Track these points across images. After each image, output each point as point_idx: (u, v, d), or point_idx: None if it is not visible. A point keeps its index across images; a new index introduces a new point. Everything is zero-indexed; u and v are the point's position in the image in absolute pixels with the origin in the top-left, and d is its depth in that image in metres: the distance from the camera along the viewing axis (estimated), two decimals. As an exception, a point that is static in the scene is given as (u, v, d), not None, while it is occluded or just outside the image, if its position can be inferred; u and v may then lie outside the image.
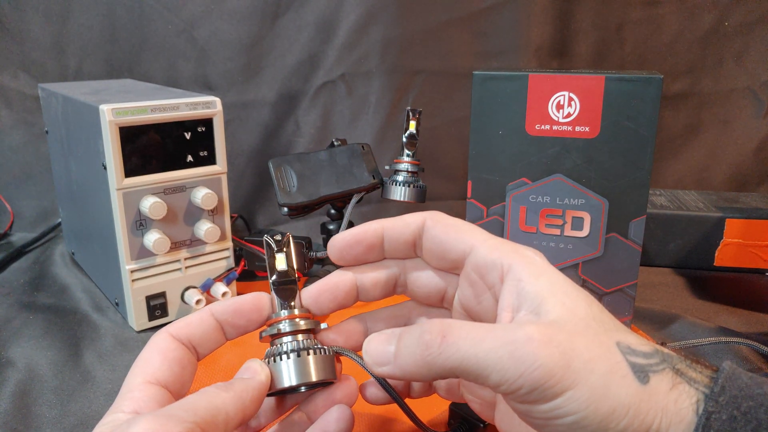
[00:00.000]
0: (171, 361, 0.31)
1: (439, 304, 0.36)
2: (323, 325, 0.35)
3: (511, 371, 0.25)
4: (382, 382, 0.35)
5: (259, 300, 0.34)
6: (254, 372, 0.32)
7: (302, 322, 0.34)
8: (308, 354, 0.32)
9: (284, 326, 0.33)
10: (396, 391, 0.36)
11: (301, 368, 0.32)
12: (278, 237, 0.35)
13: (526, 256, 0.30)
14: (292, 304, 0.34)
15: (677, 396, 0.25)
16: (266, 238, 0.35)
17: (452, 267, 0.33)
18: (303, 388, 0.35)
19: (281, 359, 0.32)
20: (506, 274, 0.30)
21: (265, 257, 0.35)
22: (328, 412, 0.34)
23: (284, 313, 0.34)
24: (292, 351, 0.32)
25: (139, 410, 0.29)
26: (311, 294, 0.35)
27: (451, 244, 0.33)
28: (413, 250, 0.35)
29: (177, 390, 0.31)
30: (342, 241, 0.35)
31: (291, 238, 0.35)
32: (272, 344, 0.34)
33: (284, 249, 0.35)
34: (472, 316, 0.34)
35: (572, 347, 0.25)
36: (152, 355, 0.31)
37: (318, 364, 0.32)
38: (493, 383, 0.26)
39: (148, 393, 0.30)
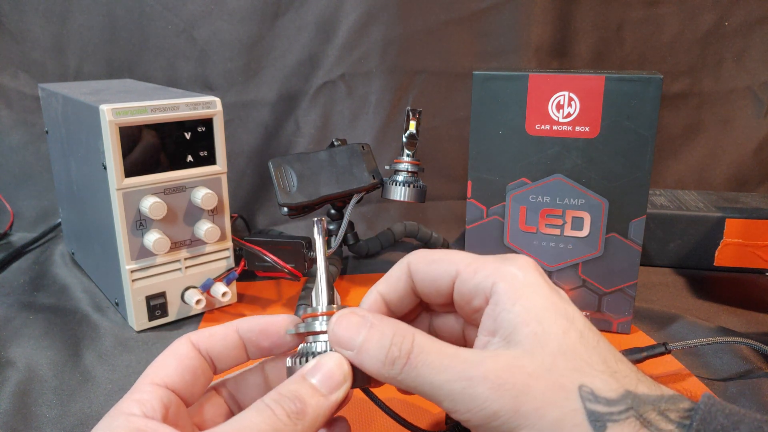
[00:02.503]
0: (185, 369, 0.30)
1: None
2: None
3: (461, 405, 0.27)
4: (369, 393, 0.34)
5: (290, 324, 0.33)
6: (332, 386, 0.28)
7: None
8: None
9: (322, 324, 0.31)
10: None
11: None
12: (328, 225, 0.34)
13: (509, 273, 0.30)
14: (331, 300, 0.32)
15: None
16: (323, 219, 0.34)
17: (448, 302, 0.33)
18: None
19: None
20: (490, 297, 0.30)
21: (317, 243, 0.33)
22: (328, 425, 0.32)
23: (321, 308, 0.31)
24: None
25: (147, 412, 0.28)
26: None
27: (438, 280, 0.32)
28: (415, 299, 0.34)
29: (186, 397, 0.30)
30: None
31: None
32: (306, 340, 0.31)
33: (326, 238, 0.34)
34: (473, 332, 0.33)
35: (526, 391, 0.26)
36: (167, 360, 0.31)
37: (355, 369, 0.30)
38: (445, 408, 0.27)
39: (156, 395, 0.29)
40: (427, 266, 0.33)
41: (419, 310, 0.37)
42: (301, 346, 0.32)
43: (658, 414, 0.25)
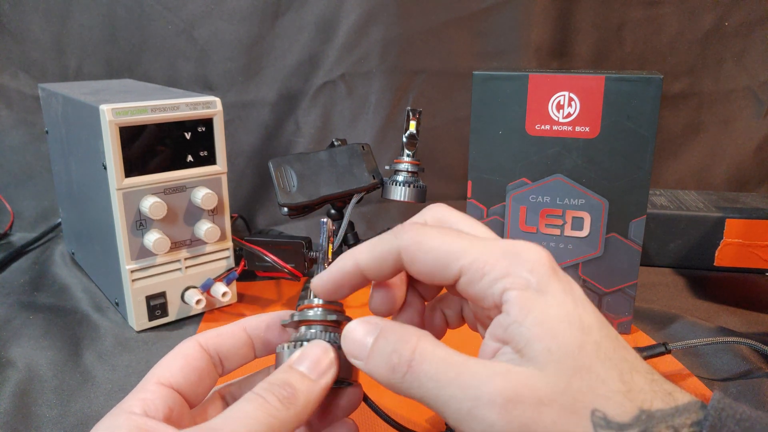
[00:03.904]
0: (191, 369, 0.30)
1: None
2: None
3: (466, 426, 0.25)
4: (366, 400, 0.34)
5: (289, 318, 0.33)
6: (320, 371, 0.29)
7: (333, 315, 0.32)
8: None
9: (315, 314, 0.32)
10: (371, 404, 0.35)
11: None
12: (333, 226, 0.34)
13: (521, 281, 0.27)
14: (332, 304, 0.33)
15: None
16: (327, 221, 0.34)
17: (448, 288, 0.31)
18: None
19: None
20: (500, 305, 0.27)
21: (322, 239, 0.34)
22: (334, 428, 0.32)
23: (317, 300, 0.33)
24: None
25: (149, 412, 0.28)
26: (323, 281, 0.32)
27: (437, 274, 0.29)
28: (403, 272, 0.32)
29: (190, 398, 0.31)
30: (322, 286, 0.32)
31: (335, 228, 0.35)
32: (298, 330, 0.32)
33: (331, 239, 0.34)
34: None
35: (535, 420, 0.24)
36: (174, 359, 0.31)
37: (342, 362, 0.31)
38: (448, 422, 0.26)
39: (160, 394, 0.29)
40: (424, 256, 0.29)
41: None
42: (293, 335, 0.32)
43: None
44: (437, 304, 0.35)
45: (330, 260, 0.34)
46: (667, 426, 0.24)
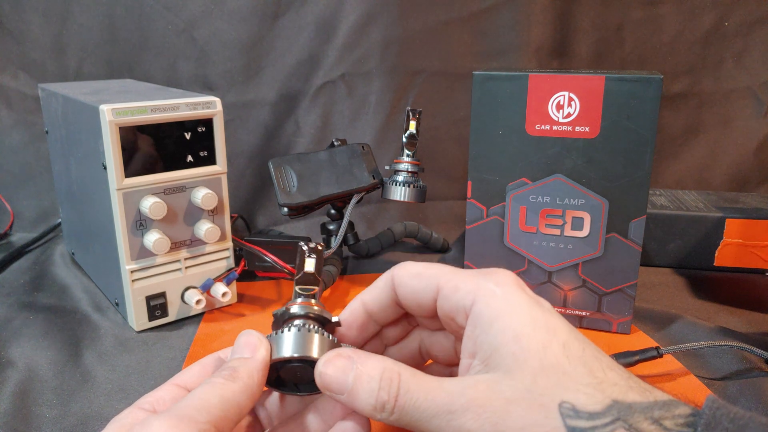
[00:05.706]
0: (206, 374, 0.33)
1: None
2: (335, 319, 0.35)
3: None
4: None
5: None
6: (253, 348, 0.31)
7: (315, 308, 0.34)
8: (312, 332, 0.32)
9: (295, 309, 0.34)
10: None
11: (303, 342, 0.32)
12: (313, 246, 0.37)
13: (487, 290, 0.30)
14: (311, 300, 0.35)
15: None
16: (301, 244, 0.37)
17: (433, 315, 0.33)
18: (301, 389, 0.35)
19: (286, 330, 0.32)
20: (469, 316, 0.30)
21: (297, 259, 0.36)
22: (344, 421, 0.33)
23: (299, 299, 0.35)
24: (298, 326, 0.32)
25: (157, 407, 0.30)
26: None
27: (420, 294, 0.32)
28: (400, 309, 0.35)
29: None
30: (347, 326, 0.36)
31: (322, 249, 0.37)
32: (282, 324, 0.34)
33: (314, 255, 0.36)
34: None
35: (505, 417, 0.26)
36: (192, 367, 0.34)
37: (321, 344, 0.32)
38: None
39: (171, 392, 0.31)
40: (410, 280, 0.33)
41: (410, 328, 0.37)
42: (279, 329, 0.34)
43: (651, 423, 0.24)
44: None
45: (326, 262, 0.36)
46: (646, 417, 0.25)
